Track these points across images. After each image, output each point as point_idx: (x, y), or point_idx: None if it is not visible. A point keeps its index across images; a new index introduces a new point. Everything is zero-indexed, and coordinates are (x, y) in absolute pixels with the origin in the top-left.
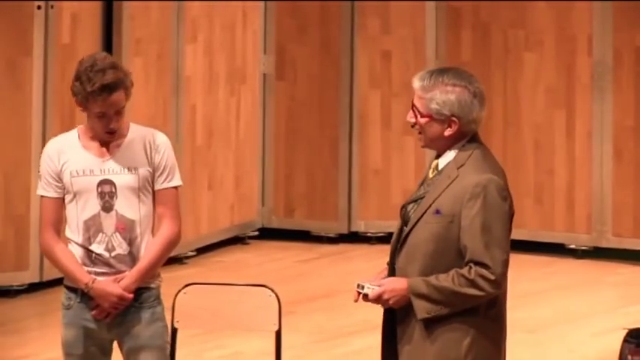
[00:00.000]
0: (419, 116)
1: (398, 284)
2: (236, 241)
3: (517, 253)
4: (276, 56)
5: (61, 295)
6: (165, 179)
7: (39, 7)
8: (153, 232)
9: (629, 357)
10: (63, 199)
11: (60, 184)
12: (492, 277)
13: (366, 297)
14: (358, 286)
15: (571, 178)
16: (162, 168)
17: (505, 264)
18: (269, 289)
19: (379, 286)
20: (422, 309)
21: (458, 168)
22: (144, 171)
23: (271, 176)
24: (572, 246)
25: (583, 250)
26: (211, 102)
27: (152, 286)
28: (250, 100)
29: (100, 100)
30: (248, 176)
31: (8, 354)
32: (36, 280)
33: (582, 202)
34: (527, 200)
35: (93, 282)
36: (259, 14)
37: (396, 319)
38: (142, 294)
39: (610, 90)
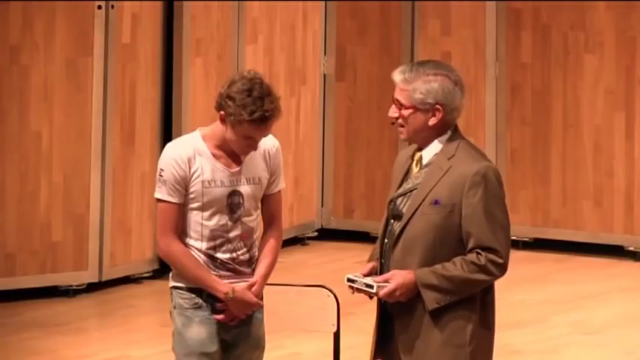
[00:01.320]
0: (402, 109)
1: (406, 278)
2: (295, 241)
3: (576, 255)
4: (337, 57)
5: (121, 296)
6: (277, 184)
7: (99, 7)
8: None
9: None
10: (183, 205)
11: (184, 191)
12: (501, 261)
13: (358, 290)
14: (349, 280)
15: (630, 180)
16: (276, 173)
17: (509, 246)
18: (328, 289)
19: (385, 281)
20: (432, 300)
21: (449, 159)
22: (264, 180)
23: (330, 177)
24: (632, 248)
25: None
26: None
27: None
28: (310, 100)
29: (256, 128)
30: (307, 177)
31: (68, 354)
32: (95, 280)
33: None
34: (587, 202)
35: (233, 292)
36: (319, 15)
37: (390, 314)
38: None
39: None
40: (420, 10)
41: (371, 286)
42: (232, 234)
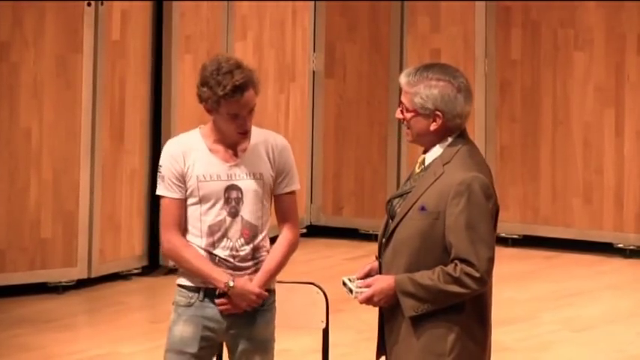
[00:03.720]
0: (405, 111)
1: (385, 284)
2: None
3: (565, 252)
4: (326, 54)
5: (110, 292)
6: (287, 184)
7: (89, 4)
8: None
9: None
10: (185, 199)
11: (183, 186)
12: (477, 275)
13: (351, 292)
14: (343, 283)
15: (620, 177)
16: (284, 173)
17: (490, 261)
18: (317, 286)
19: (367, 286)
20: (409, 307)
21: (444, 165)
22: (267, 176)
23: (320, 174)
24: (621, 245)
25: (631, 250)
26: (260, 99)
27: (272, 288)
28: (299, 97)
29: (234, 101)
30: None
31: (58, 350)
32: (84, 276)
33: (631, 201)
34: (576, 199)
35: (233, 281)
36: (309, 12)
37: (384, 319)
38: (268, 295)
39: None
40: (410, 7)
41: (352, 291)
42: (231, 230)
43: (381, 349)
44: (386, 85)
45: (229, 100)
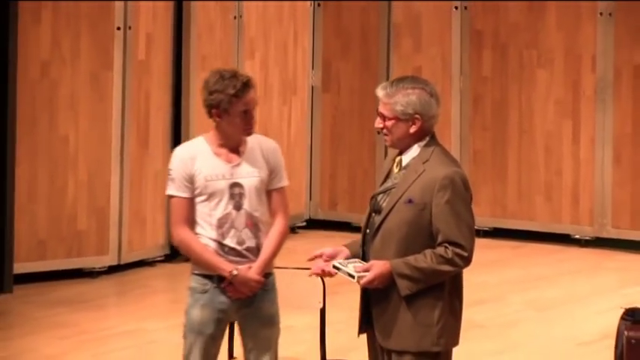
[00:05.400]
0: (386, 120)
1: (383, 268)
2: None
3: (530, 243)
4: (323, 71)
5: (137, 277)
6: (278, 180)
7: (118, 28)
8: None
9: (625, 332)
10: (193, 198)
11: (191, 186)
12: (466, 254)
13: (351, 277)
14: (334, 267)
15: (576, 178)
16: (275, 171)
17: (473, 242)
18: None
19: (366, 270)
20: (405, 287)
21: (423, 163)
22: (263, 174)
23: (317, 174)
24: (577, 236)
25: (586, 240)
26: (266, 110)
27: (271, 271)
28: (300, 108)
29: (245, 97)
30: (297, 174)
31: (91, 326)
32: (114, 263)
33: (586, 198)
34: (539, 197)
35: (237, 270)
36: (308, 34)
37: (369, 298)
38: (266, 279)
39: (611, 102)
40: (395, 30)
41: (353, 276)
42: (237, 222)
43: (363, 326)
44: (375, 98)
45: (240, 96)
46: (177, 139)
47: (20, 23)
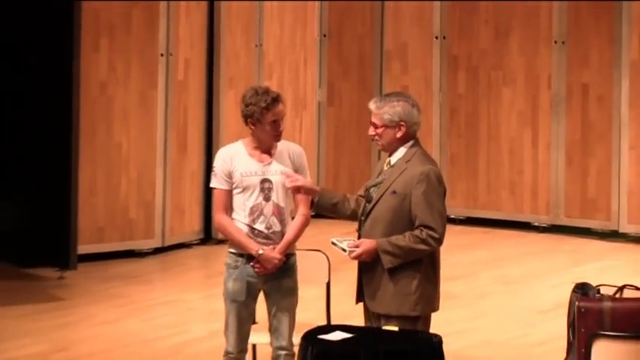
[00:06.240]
0: (377, 128)
1: (370, 245)
2: None
3: (497, 229)
4: (328, 89)
5: (177, 257)
6: (303, 178)
7: (162, 55)
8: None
9: (576, 302)
10: (231, 190)
11: (230, 180)
12: (437, 236)
13: (344, 251)
14: (332, 242)
15: (535, 176)
16: (300, 170)
17: (444, 226)
18: (322, 253)
19: (356, 246)
20: (388, 261)
21: (406, 162)
22: (290, 172)
23: (323, 175)
24: (536, 224)
25: (544, 227)
26: (283, 122)
27: (294, 252)
28: (309, 120)
29: (274, 109)
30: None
31: (140, 297)
32: (159, 245)
33: (543, 193)
34: (504, 192)
35: (262, 250)
36: (315, 59)
37: (361, 270)
38: (288, 258)
39: (563, 114)
40: (386, 56)
41: (345, 250)
42: (266, 210)
43: (360, 296)
44: (370, 112)
45: (271, 109)
46: (209, 144)
47: (83, 51)
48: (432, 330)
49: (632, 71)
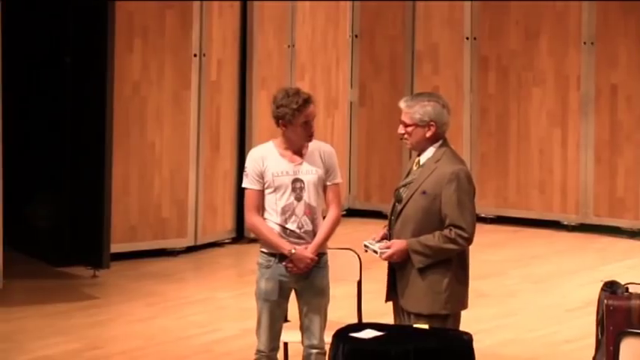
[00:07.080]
0: (407, 127)
1: (401, 246)
2: None
3: (527, 228)
4: (359, 90)
5: (209, 255)
6: (333, 177)
7: (195, 55)
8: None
9: (605, 300)
10: (263, 190)
11: (262, 180)
12: (466, 235)
13: (375, 253)
14: (365, 245)
15: (564, 176)
16: (331, 170)
17: (474, 226)
18: (354, 251)
19: (387, 247)
20: (418, 261)
21: (436, 162)
22: (321, 172)
23: (355, 173)
24: (565, 223)
25: (573, 226)
26: (315, 122)
27: (325, 251)
28: (341, 120)
29: (306, 110)
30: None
31: (173, 295)
32: (192, 244)
33: (572, 192)
34: (534, 191)
35: (295, 249)
36: (347, 60)
37: (394, 269)
38: (320, 258)
39: (592, 114)
40: (417, 56)
41: (377, 252)
42: (298, 210)
43: (390, 294)
44: (401, 111)
45: (302, 110)
46: (242, 144)
47: (117, 51)
48: (461, 328)
49: None
